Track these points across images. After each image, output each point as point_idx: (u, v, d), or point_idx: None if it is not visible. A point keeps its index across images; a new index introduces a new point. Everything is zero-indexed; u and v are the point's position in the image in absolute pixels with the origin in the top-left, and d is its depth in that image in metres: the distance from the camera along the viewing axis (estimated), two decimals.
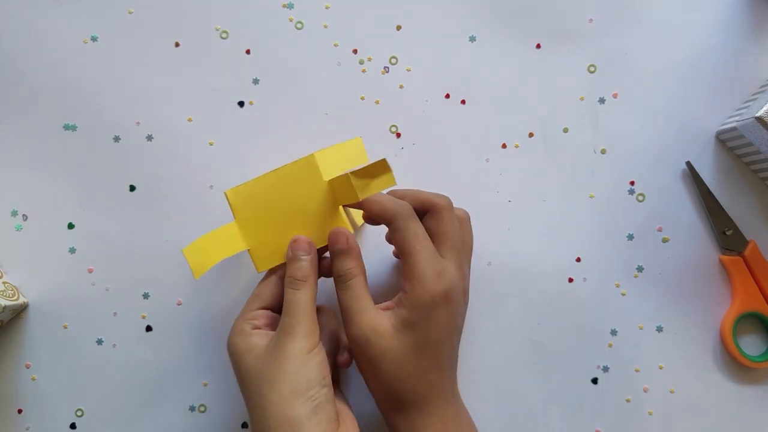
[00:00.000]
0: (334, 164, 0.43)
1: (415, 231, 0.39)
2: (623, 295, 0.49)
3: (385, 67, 0.50)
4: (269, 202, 0.41)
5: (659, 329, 0.49)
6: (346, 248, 0.40)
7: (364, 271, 0.41)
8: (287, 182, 0.41)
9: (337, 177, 0.41)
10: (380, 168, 0.39)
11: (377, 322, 0.39)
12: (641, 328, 0.49)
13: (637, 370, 0.49)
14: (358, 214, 0.46)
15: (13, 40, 0.50)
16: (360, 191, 0.39)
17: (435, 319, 0.39)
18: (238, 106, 0.50)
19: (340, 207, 0.42)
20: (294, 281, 0.39)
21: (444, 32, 0.50)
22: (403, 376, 0.39)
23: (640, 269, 0.49)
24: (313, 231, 0.42)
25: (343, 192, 0.40)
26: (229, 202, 0.42)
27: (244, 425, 0.49)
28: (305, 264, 0.40)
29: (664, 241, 0.49)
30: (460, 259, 0.41)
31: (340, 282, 0.40)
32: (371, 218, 0.42)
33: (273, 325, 0.41)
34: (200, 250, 0.40)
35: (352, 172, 0.39)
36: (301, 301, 0.39)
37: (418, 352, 0.39)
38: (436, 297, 0.38)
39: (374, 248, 0.48)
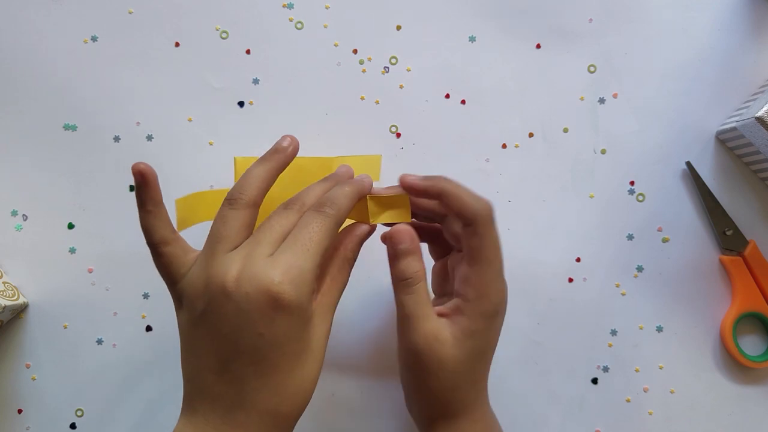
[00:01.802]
0: None
1: (495, 239, 0.37)
2: (623, 295, 0.49)
3: (385, 67, 0.50)
4: (277, 182, 0.41)
5: (659, 329, 0.49)
6: (411, 248, 0.37)
7: (425, 275, 0.38)
8: (299, 173, 0.41)
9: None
10: (400, 202, 0.38)
11: (439, 330, 0.37)
12: (641, 328, 0.49)
13: (637, 370, 0.49)
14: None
15: (13, 40, 0.50)
16: (373, 217, 0.38)
17: (494, 328, 0.38)
18: (238, 106, 0.50)
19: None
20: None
21: (444, 32, 0.50)
22: (458, 385, 0.38)
23: (640, 269, 0.49)
24: None
25: (355, 209, 0.39)
26: (235, 168, 0.41)
27: None
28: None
29: (664, 241, 0.49)
30: None
31: (406, 286, 0.37)
32: (430, 213, 0.39)
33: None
34: (191, 206, 0.40)
35: (371, 196, 0.38)
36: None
37: (475, 361, 0.38)
38: (499, 307, 0.38)
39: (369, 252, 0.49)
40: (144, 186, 0.35)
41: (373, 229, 0.39)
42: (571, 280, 0.49)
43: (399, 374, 0.41)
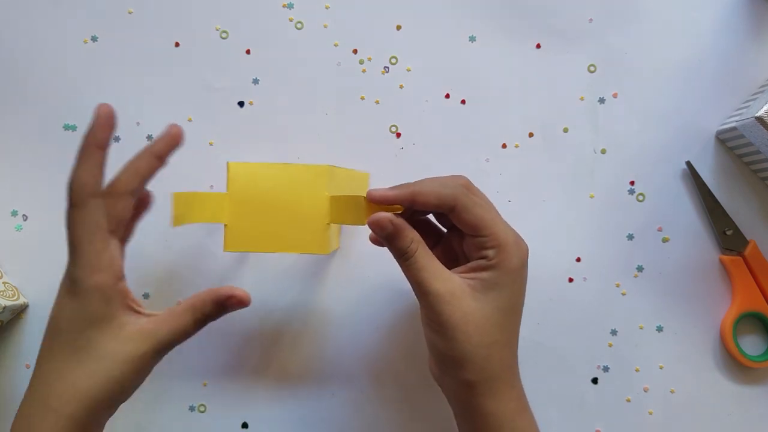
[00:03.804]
0: (339, 186, 0.43)
1: (479, 203, 0.38)
2: (623, 295, 0.49)
3: (385, 67, 0.50)
4: (265, 191, 0.41)
5: (659, 329, 0.49)
6: (395, 229, 0.37)
7: (421, 239, 0.38)
8: (291, 180, 0.41)
9: (346, 196, 0.40)
10: (357, 204, 0.39)
11: (455, 285, 0.37)
12: (641, 328, 0.49)
13: (637, 370, 0.49)
14: (334, 237, 0.46)
15: (13, 40, 0.50)
16: (333, 217, 0.40)
17: (521, 280, 0.39)
18: (238, 106, 0.50)
19: (329, 225, 0.41)
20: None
21: (444, 32, 0.50)
22: (490, 342, 0.37)
23: (640, 269, 0.49)
24: (294, 234, 0.41)
25: (347, 212, 0.40)
26: (228, 173, 0.41)
27: (245, 425, 0.49)
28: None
29: (664, 241, 0.49)
30: None
31: (404, 260, 0.38)
32: (421, 208, 0.38)
33: None
34: (187, 204, 0.40)
35: (332, 197, 0.40)
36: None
37: (505, 315, 0.37)
38: (523, 259, 0.38)
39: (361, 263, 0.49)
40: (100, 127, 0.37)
41: (241, 298, 0.37)
42: (571, 280, 0.49)
43: (428, 355, 0.41)
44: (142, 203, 0.40)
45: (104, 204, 0.36)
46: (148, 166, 0.37)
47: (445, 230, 0.43)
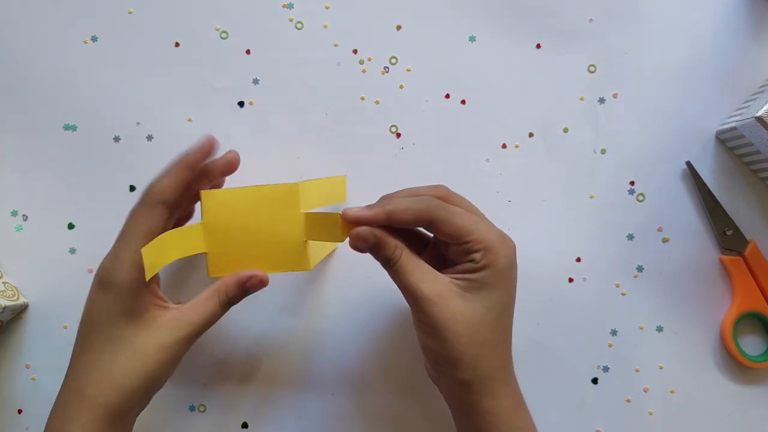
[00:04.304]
0: (314, 198, 0.43)
1: (457, 212, 0.38)
2: (623, 295, 0.49)
3: (385, 67, 0.50)
4: (240, 214, 0.41)
5: (659, 329, 0.49)
6: (376, 240, 0.38)
7: (404, 246, 0.39)
8: (264, 202, 0.41)
9: (321, 214, 0.40)
10: (332, 221, 0.39)
11: (442, 285, 0.37)
12: (641, 328, 0.49)
13: (637, 370, 0.49)
14: (323, 246, 0.46)
15: (13, 40, 0.50)
16: (308, 234, 0.40)
17: (510, 279, 0.39)
18: (238, 106, 0.50)
19: (307, 241, 0.41)
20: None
21: (444, 32, 0.50)
22: (481, 341, 0.37)
23: (640, 269, 0.49)
24: (272, 254, 0.41)
25: (324, 230, 0.40)
26: (201, 202, 0.41)
27: (245, 425, 0.49)
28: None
29: (664, 241, 0.49)
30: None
31: (389, 268, 0.39)
32: (403, 223, 0.39)
33: None
34: (159, 248, 0.39)
35: (306, 214, 0.40)
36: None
37: (496, 315, 0.38)
38: (511, 258, 0.39)
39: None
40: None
41: (260, 279, 0.40)
42: (571, 280, 0.49)
43: (423, 357, 0.41)
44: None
45: (168, 214, 0.39)
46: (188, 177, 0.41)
47: (431, 235, 0.42)
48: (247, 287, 0.40)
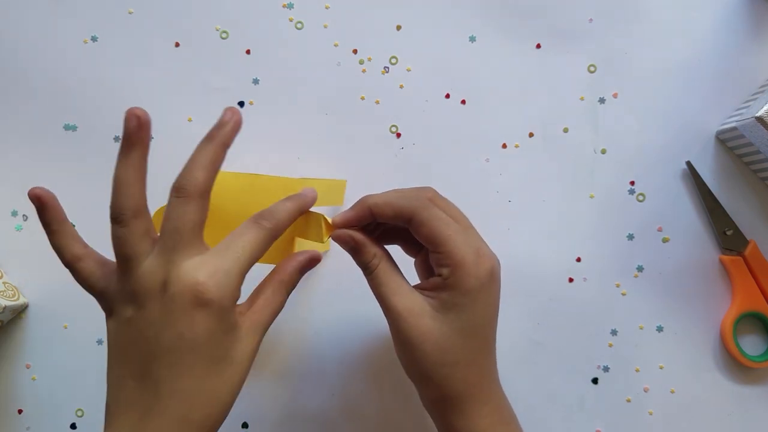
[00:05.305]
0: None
1: (439, 217, 0.37)
2: (623, 295, 0.49)
3: (385, 67, 0.50)
4: (236, 199, 0.41)
5: (659, 329, 0.49)
6: (356, 245, 0.38)
7: (387, 255, 0.39)
8: (262, 191, 0.41)
9: (308, 212, 0.40)
10: (315, 222, 0.39)
11: (415, 302, 0.37)
12: (641, 328, 0.49)
13: (637, 370, 0.49)
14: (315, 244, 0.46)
15: (13, 40, 0.50)
16: (326, 236, 0.39)
17: (482, 300, 0.37)
18: (238, 106, 0.50)
19: (296, 238, 0.41)
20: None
21: (444, 32, 0.50)
22: (450, 362, 0.36)
23: (640, 269, 0.49)
24: None
25: (309, 229, 0.40)
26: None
27: (245, 425, 0.49)
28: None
29: (664, 241, 0.49)
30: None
31: (368, 273, 0.38)
32: (385, 219, 0.38)
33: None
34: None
35: (330, 219, 0.39)
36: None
37: (465, 336, 0.37)
38: (482, 279, 0.36)
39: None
40: (43, 209, 0.36)
41: (316, 258, 0.39)
42: (571, 280, 0.49)
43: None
44: None
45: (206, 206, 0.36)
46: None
47: None
48: (305, 270, 0.38)
